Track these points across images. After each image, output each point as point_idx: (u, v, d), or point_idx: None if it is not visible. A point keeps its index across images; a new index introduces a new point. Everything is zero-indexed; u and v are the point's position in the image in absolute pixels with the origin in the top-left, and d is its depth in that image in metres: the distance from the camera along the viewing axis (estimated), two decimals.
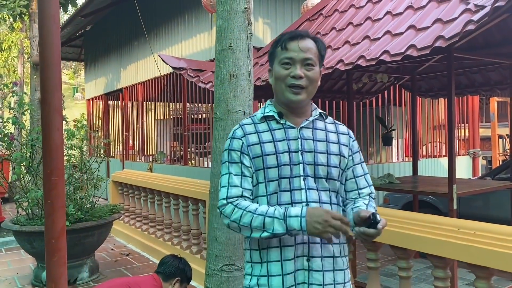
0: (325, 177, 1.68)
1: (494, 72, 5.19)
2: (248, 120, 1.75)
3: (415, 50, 2.65)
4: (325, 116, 1.78)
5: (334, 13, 4.17)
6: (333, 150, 1.71)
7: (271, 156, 1.65)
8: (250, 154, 1.67)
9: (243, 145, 1.67)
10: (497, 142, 8.95)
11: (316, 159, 1.67)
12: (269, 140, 1.67)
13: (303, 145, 1.67)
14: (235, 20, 2.76)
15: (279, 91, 1.67)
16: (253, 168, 1.67)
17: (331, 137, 1.74)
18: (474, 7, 2.64)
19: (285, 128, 1.69)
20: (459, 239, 2.45)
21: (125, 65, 10.15)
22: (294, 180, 1.65)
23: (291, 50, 1.63)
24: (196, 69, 4.49)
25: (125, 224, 6.86)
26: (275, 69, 1.68)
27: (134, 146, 10.61)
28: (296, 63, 1.62)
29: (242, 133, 1.70)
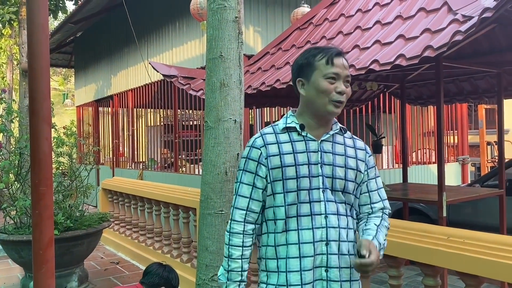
0: (342, 190, 1.73)
1: (482, 81, 5.26)
2: (269, 129, 1.79)
3: (404, 59, 2.67)
4: (344, 130, 1.82)
5: (324, 22, 4.20)
6: (350, 164, 1.76)
7: (290, 167, 1.69)
8: (269, 165, 1.71)
9: (261, 155, 1.72)
10: (486, 148, 9.05)
11: (335, 172, 1.72)
12: (289, 152, 1.71)
13: (322, 158, 1.72)
14: (225, 29, 2.76)
15: (320, 104, 1.69)
16: (270, 179, 1.72)
17: (349, 151, 1.78)
18: (462, 18, 2.68)
19: (306, 140, 1.73)
20: (449, 247, 2.46)
21: (116, 71, 10.11)
22: (313, 192, 1.70)
23: (338, 66, 1.67)
24: (187, 76, 4.49)
25: (115, 232, 6.80)
26: (319, 83, 1.68)
27: (125, 153, 10.55)
28: (341, 79, 1.68)
29: (262, 143, 1.74)
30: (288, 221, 1.71)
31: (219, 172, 2.75)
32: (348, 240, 1.75)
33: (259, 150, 1.73)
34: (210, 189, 2.76)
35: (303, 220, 1.70)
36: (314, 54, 1.73)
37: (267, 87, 3.68)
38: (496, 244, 2.34)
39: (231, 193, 2.76)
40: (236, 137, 2.81)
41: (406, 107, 5.49)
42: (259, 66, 4.33)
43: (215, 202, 2.74)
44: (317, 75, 1.69)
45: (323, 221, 1.70)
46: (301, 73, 1.75)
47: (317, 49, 1.75)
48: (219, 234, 2.70)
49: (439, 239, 2.54)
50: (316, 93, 1.69)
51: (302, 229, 1.69)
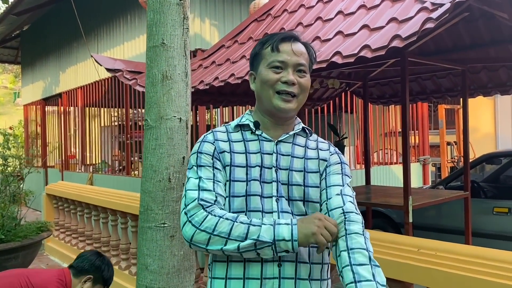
0: (301, 199, 1.45)
1: (445, 79, 5.13)
2: (221, 128, 1.57)
3: (369, 51, 2.40)
4: (309, 132, 1.58)
5: (283, 13, 3.91)
6: (311, 167, 1.49)
7: (240, 168, 1.45)
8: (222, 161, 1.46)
9: (214, 150, 1.48)
10: (446, 149, 9.07)
11: (291, 178, 1.46)
12: (241, 151, 1.48)
13: (278, 161, 1.46)
14: (168, 13, 2.39)
15: (266, 98, 1.46)
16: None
17: (310, 153, 1.52)
18: (431, 6, 2.44)
19: (260, 140, 1.50)
20: (419, 261, 2.21)
21: (64, 68, 9.47)
22: (266, 200, 1.43)
23: (284, 52, 1.44)
24: (133, 71, 4.08)
25: (60, 241, 6.26)
26: (262, 72, 1.46)
27: (76, 155, 9.91)
28: (289, 67, 1.44)
29: (212, 138, 1.50)
30: None
31: (161, 179, 2.37)
32: (310, 261, 1.42)
33: (212, 144, 1.49)
34: (151, 198, 2.38)
35: None
36: (263, 41, 1.51)
37: (221, 82, 3.34)
38: (470, 257, 2.11)
39: (175, 202, 2.40)
40: (182, 138, 2.45)
41: (368, 106, 5.27)
42: (213, 60, 3.97)
43: (156, 214, 2.36)
44: (262, 65, 1.47)
45: None
46: (252, 65, 1.54)
47: (268, 36, 1.52)
48: (161, 251, 2.33)
49: (409, 251, 2.28)
50: (260, 85, 1.47)
51: None
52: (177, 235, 2.37)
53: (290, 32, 1.53)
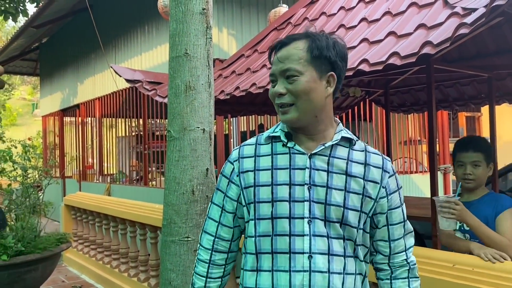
0: (339, 222, 1.30)
1: (469, 86, 5.01)
2: (251, 140, 1.45)
3: (399, 58, 2.32)
4: (353, 141, 1.38)
5: (304, 21, 3.85)
6: (354, 187, 1.32)
7: (265, 187, 1.33)
8: (242, 183, 1.38)
9: (233, 171, 1.41)
10: None
11: (329, 196, 1.30)
12: (266, 167, 1.35)
13: (312, 177, 1.31)
14: (191, 23, 2.36)
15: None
16: (245, 201, 1.38)
17: (355, 169, 1.34)
18: (462, 11, 2.35)
19: (291, 153, 1.34)
20: (455, 277, 2.10)
21: (82, 79, 9.55)
22: (296, 222, 1.29)
23: (273, 63, 1.35)
24: (153, 81, 4.06)
25: (79, 252, 6.25)
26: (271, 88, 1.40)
27: (93, 166, 9.96)
28: (278, 78, 1.33)
29: (236, 156, 1.42)
30: (260, 258, 1.33)
31: (185, 191, 2.33)
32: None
33: (232, 165, 1.42)
34: (174, 211, 2.33)
35: (280, 259, 1.30)
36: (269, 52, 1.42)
37: (242, 92, 3.28)
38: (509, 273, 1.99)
39: (199, 215, 2.34)
40: (205, 149, 2.40)
41: (390, 115, 5.17)
42: (233, 70, 3.93)
43: (179, 228, 2.31)
44: None
45: (306, 262, 1.27)
46: None
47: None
48: (185, 265, 2.27)
49: (444, 267, 2.18)
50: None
51: (278, 270, 1.30)
52: None
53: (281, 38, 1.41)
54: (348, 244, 1.32)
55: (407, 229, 1.43)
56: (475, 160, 2.29)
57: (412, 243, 1.45)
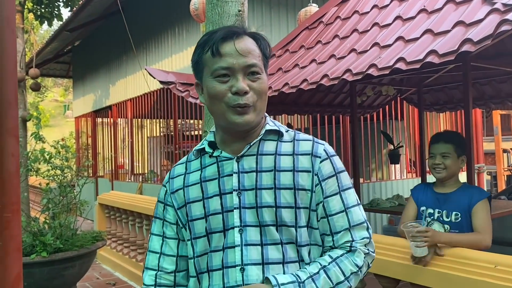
0: (274, 224, 1.17)
1: (505, 84, 4.87)
2: (183, 159, 1.35)
3: (437, 56, 2.29)
4: (279, 133, 1.25)
5: (336, 20, 3.83)
6: (284, 182, 1.19)
7: (196, 203, 1.23)
8: (175, 204, 1.27)
9: (166, 193, 1.31)
10: (502, 156, 8.62)
11: (259, 198, 1.17)
12: (195, 182, 1.25)
13: (242, 182, 1.19)
14: (227, 25, 2.38)
15: (219, 114, 1.19)
16: (181, 222, 1.27)
17: (284, 162, 1.21)
18: (503, 7, 2.30)
19: (218, 161, 1.24)
20: (497, 278, 2.06)
21: (114, 81, 9.77)
22: (228, 233, 1.18)
23: (227, 55, 1.15)
24: (185, 83, 4.12)
25: (112, 250, 6.40)
26: (207, 84, 1.19)
27: (124, 165, 10.17)
28: (237, 73, 1.15)
29: (167, 178, 1.34)
30: (201, 278, 1.23)
31: None
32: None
33: (164, 187, 1.33)
34: None
35: (215, 277, 1.19)
36: (202, 44, 1.21)
37: (274, 92, 3.30)
38: None
39: None
40: None
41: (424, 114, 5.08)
42: None
43: None
44: (206, 75, 1.20)
45: (239, 276, 1.16)
46: (196, 74, 1.26)
47: (206, 35, 1.22)
48: None
49: (485, 268, 2.14)
50: (209, 100, 1.20)
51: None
52: None
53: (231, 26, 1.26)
54: (288, 248, 1.18)
55: (354, 220, 1.22)
56: (444, 152, 2.43)
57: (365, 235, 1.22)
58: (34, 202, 9.37)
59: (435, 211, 2.50)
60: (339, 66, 3.00)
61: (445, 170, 2.44)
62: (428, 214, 2.53)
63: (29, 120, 7.41)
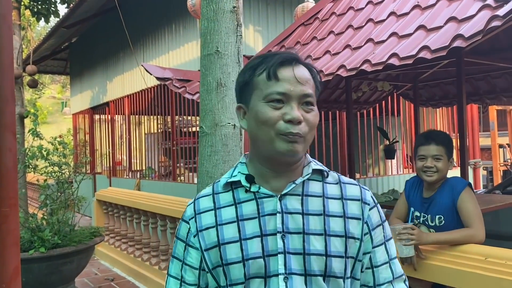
0: (322, 274, 1.07)
1: (500, 79, 4.91)
2: (207, 190, 1.19)
3: (429, 51, 2.32)
4: (325, 173, 1.16)
5: (331, 16, 3.86)
6: (334, 228, 1.10)
7: (233, 244, 1.08)
8: (203, 244, 1.11)
9: (189, 231, 1.14)
10: (498, 151, 8.68)
11: (307, 244, 1.07)
12: (231, 220, 1.11)
13: (286, 223, 1.08)
14: (222, 21, 2.41)
15: (265, 141, 1.08)
16: (208, 266, 1.11)
17: (333, 206, 1.12)
18: (494, 3, 2.33)
19: (257, 198, 1.11)
20: (488, 270, 2.09)
21: (111, 77, 9.78)
22: (271, 281, 1.06)
23: (284, 80, 1.07)
24: (182, 79, 4.14)
25: (110, 246, 6.43)
26: (258, 108, 1.08)
27: (122, 162, 10.20)
28: (292, 100, 1.07)
29: (191, 212, 1.16)
30: None
31: None
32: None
33: (187, 224, 1.15)
34: None
35: None
36: (254, 66, 1.11)
37: None
38: None
39: None
40: (236, 144, 2.46)
41: (419, 109, 5.12)
42: None
43: None
44: (256, 98, 1.09)
45: None
46: (242, 95, 1.14)
47: (259, 58, 1.13)
48: None
49: (476, 260, 2.18)
50: (256, 125, 1.09)
51: None
52: None
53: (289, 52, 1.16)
54: None
55: (397, 272, 1.18)
56: (436, 154, 2.36)
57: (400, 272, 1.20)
58: (32, 199, 9.39)
59: (421, 214, 2.49)
60: (334, 62, 3.03)
61: (437, 173, 2.37)
62: (415, 216, 2.53)
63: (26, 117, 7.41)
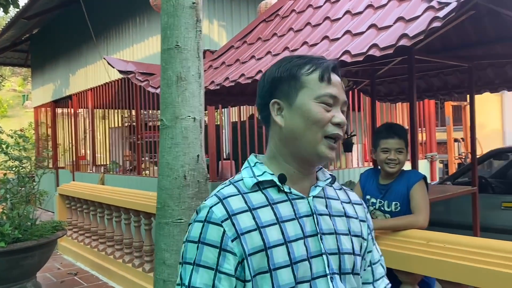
0: (351, 272, 1.12)
1: (452, 76, 5.17)
2: (230, 189, 1.09)
3: (378, 49, 2.47)
4: (333, 179, 1.21)
5: (291, 13, 3.98)
6: (353, 229, 1.17)
7: (279, 247, 1.02)
8: (246, 249, 1.01)
9: (224, 235, 1.01)
10: (453, 145, 9.09)
11: (340, 244, 1.11)
12: (271, 222, 1.04)
13: (320, 225, 1.09)
14: (182, 16, 2.48)
15: (310, 141, 1.08)
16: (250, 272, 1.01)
17: (349, 209, 1.19)
18: (438, 5, 2.50)
19: (291, 199, 1.09)
20: (429, 253, 2.27)
21: (74, 70, 9.60)
22: (317, 283, 1.05)
23: (336, 85, 1.09)
24: (145, 72, 4.17)
25: (74, 240, 6.38)
26: (309, 107, 1.07)
27: (86, 156, 10.05)
28: (338, 105, 1.10)
29: (224, 213, 1.03)
30: None
31: (177, 176, 2.47)
32: None
33: (219, 226, 1.02)
34: (168, 195, 2.48)
35: None
36: (300, 64, 1.10)
37: (231, 83, 3.42)
38: (479, 248, 2.16)
39: (191, 199, 2.49)
40: (196, 137, 2.54)
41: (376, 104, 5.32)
42: (223, 61, 4.05)
43: (173, 210, 2.46)
44: (306, 96, 1.08)
45: None
46: (279, 91, 1.11)
47: (303, 58, 1.13)
48: (178, 245, 2.42)
49: (418, 244, 2.35)
50: (305, 124, 1.07)
51: None
52: None
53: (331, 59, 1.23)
54: None
55: (385, 267, 1.29)
56: (399, 147, 2.56)
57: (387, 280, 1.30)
58: None
59: (377, 201, 2.66)
60: None
61: (398, 165, 2.57)
62: (371, 203, 2.70)
63: None
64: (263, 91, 1.14)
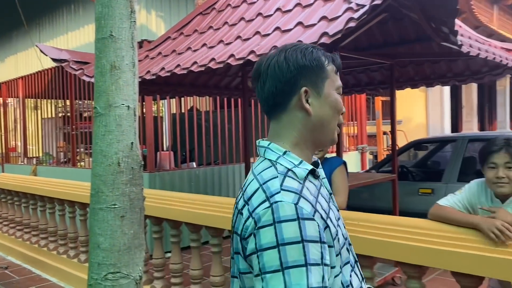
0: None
1: (378, 72, 5.56)
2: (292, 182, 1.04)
3: None
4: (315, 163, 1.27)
5: (227, 8, 4.12)
6: None
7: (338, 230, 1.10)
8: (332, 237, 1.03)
9: (319, 228, 0.99)
10: (382, 138, 9.69)
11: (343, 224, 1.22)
12: (327, 208, 1.07)
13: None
14: (116, 7, 2.54)
15: (332, 128, 1.15)
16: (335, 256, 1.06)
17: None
18: (356, 6, 2.74)
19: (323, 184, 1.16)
20: (359, 232, 2.49)
21: (3, 58, 9.14)
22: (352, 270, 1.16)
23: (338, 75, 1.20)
24: (80, 61, 4.14)
25: (4, 234, 6.16)
26: (335, 97, 1.14)
27: (16, 148, 9.62)
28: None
29: (310, 208, 1.00)
30: None
31: (111, 163, 2.53)
32: None
33: (313, 221, 0.99)
34: (101, 182, 2.54)
35: None
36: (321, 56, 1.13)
37: (167, 73, 3.51)
38: (388, 224, 2.44)
39: (125, 185, 2.57)
40: (130, 124, 2.61)
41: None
42: (159, 51, 4.12)
43: (107, 196, 2.52)
44: (330, 86, 1.12)
45: None
46: (307, 79, 1.10)
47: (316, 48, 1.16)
48: (112, 230, 2.50)
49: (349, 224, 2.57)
50: (332, 112, 1.13)
51: None
52: (127, 215, 2.55)
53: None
54: None
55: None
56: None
57: None
58: None
59: None
60: (226, 51, 3.30)
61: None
62: None
63: None
64: (285, 77, 1.10)
